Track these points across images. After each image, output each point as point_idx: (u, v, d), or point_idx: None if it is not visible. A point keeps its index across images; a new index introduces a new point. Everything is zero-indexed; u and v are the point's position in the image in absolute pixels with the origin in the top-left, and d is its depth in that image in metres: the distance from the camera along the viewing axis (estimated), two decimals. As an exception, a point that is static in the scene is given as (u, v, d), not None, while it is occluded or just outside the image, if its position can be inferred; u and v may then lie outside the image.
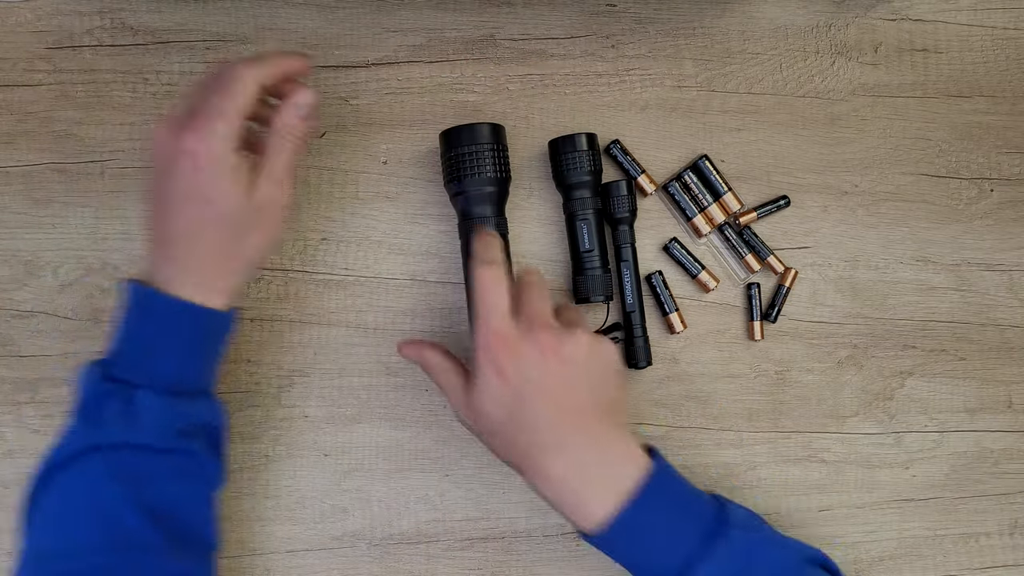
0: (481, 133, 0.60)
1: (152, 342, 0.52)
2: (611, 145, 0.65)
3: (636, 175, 0.65)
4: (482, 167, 0.59)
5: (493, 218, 0.60)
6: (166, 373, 0.52)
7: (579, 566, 0.65)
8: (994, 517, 0.68)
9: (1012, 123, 0.70)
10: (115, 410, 0.50)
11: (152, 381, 0.51)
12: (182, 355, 0.52)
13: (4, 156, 0.63)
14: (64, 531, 0.50)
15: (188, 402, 0.52)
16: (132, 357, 0.52)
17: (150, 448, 0.51)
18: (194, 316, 0.52)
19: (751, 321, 0.67)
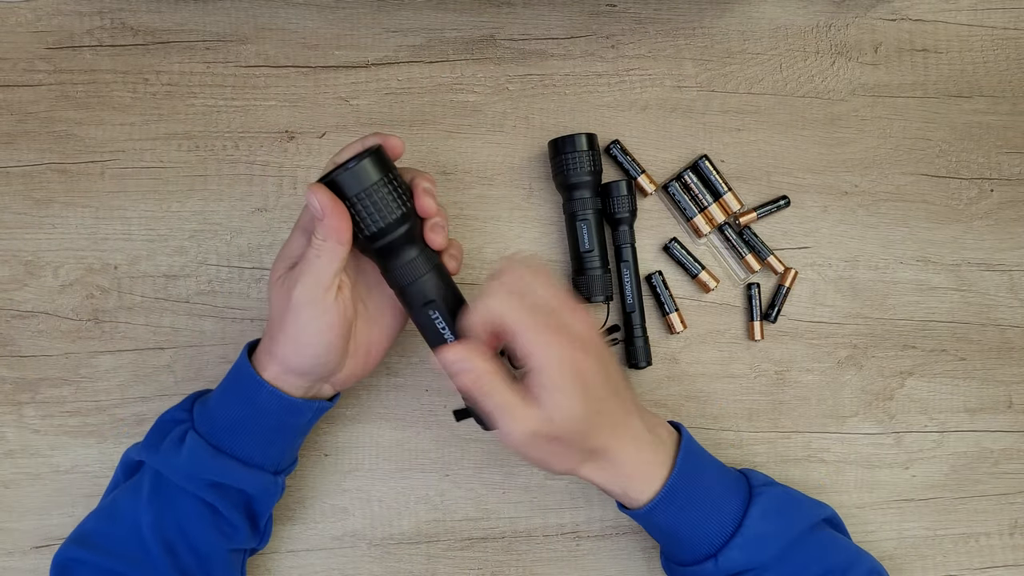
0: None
1: (223, 398, 0.55)
2: (611, 145, 0.65)
3: (636, 175, 0.65)
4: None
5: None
6: (221, 430, 0.54)
7: (579, 566, 0.65)
8: (994, 517, 0.68)
9: (1012, 123, 0.70)
10: (173, 439, 0.54)
11: (207, 431, 0.54)
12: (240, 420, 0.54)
13: (4, 156, 0.63)
14: (102, 524, 0.55)
15: (230, 463, 0.54)
16: (209, 403, 0.56)
17: (179, 486, 0.53)
18: (258, 389, 0.53)
19: (751, 321, 0.67)
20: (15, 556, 0.62)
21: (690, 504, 0.54)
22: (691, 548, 0.55)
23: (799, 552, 0.55)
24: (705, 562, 0.55)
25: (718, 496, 0.56)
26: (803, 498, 0.59)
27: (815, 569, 0.55)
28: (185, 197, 0.64)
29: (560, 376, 0.49)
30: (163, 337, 0.64)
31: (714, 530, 0.54)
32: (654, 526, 0.56)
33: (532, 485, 0.65)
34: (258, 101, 0.65)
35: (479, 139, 0.66)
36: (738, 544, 0.54)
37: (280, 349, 0.53)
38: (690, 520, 0.55)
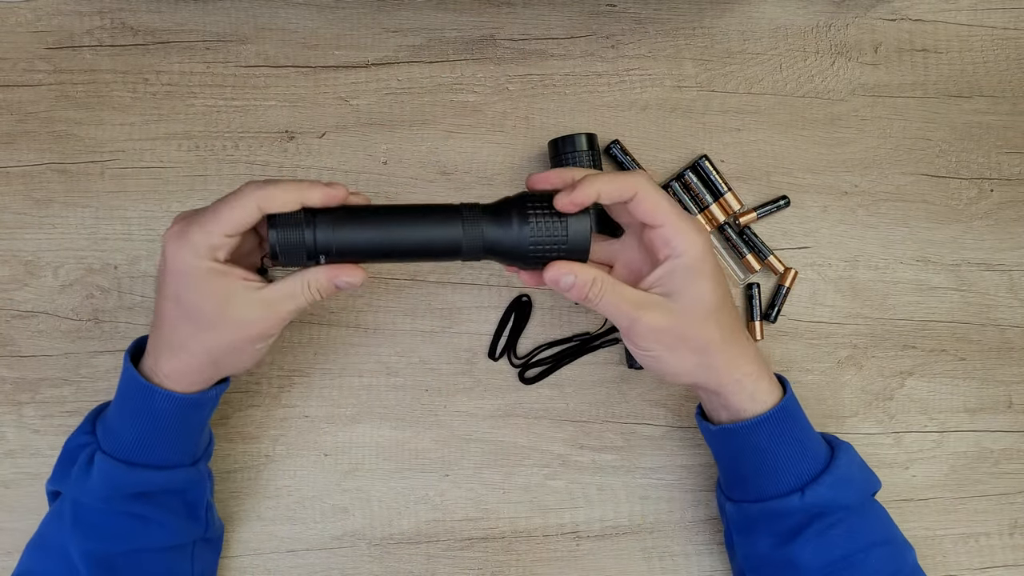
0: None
1: (120, 412, 0.54)
2: (611, 145, 0.65)
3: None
4: None
5: None
6: (127, 445, 0.53)
7: (579, 566, 0.65)
8: (994, 517, 0.68)
9: (1012, 123, 0.70)
10: (80, 464, 0.53)
11: (114, 448, 0.53)
12: (144, 431, 0.53)
13: (4, 156, 0.63)
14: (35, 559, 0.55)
15: (145, 472, 0.53)
16: (109, 419, 0.55)
17: (96, 507, 0.53)
18: (154, 397, 0.52)
19: (751, 321, 0.67)
20: (15, 556, 0.62)
21: (789, 434, 0.55)
22: (776, 480, 0.55)
23: (871, 511, 0.56)
24: (790, 496, 0.54)
25: (811, 438, 0.57)
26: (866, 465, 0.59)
27: (882, 533, 0.55)
28: (185, 197, 0.64)
29: (703, 264, 0.52)
30: (163, 337, 0.64)
31: (806, 465, 0.55)
32: (744, 447, 0.56)
33: (532, 485, 0.65)
34: (258, 101, 0.65)
35: (479, 139, 0.66)
36: (827, 481, 0.54)
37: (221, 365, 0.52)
38: (786, 449, 0.55)
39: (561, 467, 0.65)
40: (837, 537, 0.54)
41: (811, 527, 0.54)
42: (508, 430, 0.65)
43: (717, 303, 0.53)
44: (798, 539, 0.54)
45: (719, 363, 0.54)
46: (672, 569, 0.65)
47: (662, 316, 0.52)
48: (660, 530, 0.65)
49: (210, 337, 0.51)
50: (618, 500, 0.65)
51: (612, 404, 0.66)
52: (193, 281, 0.50)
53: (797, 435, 0.56)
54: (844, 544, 0.54)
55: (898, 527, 0.58)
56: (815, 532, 0.54)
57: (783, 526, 0.55)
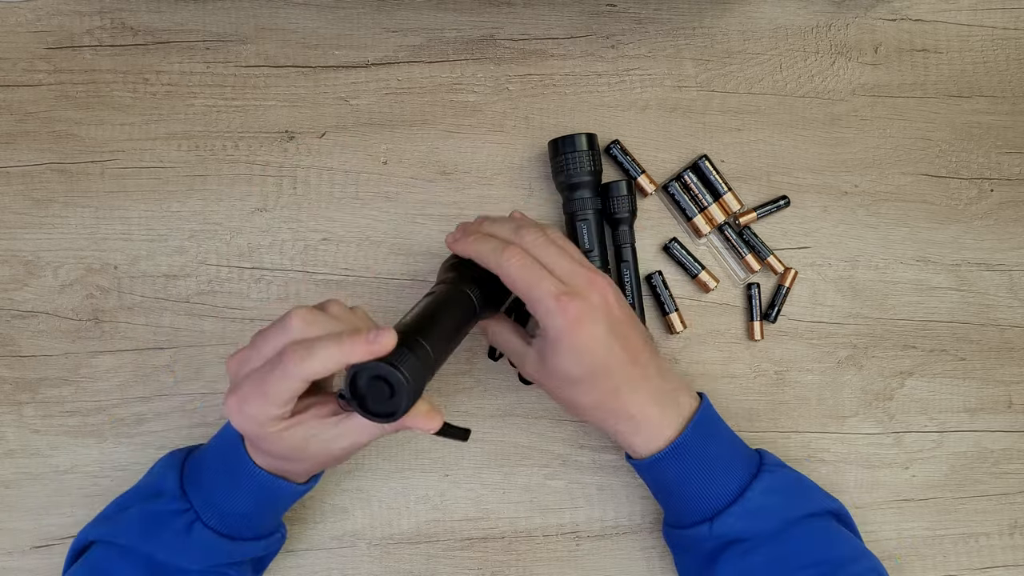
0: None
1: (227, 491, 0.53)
2: (611, 145, 0.65)
3: (636, 175, 0.65)
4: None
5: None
6: (231, 522, 0.54)
7: (579, 566, 0.65)
8: (994, 517, 0.68)
9: (1012, 123, 0.70)
10: (176, 530, 0.53)
11: (217, 524, 0.53)
12: (251, 512, 0.54)
13: (4, 156, 0.63)
14: None
15: (243, 544, 0.55)
16: (208, 491, 0.54)
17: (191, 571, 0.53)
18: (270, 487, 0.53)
19: (751, 321, 0.67)
20: (15, 556, 0.62)
21: (696, 465, 0.55)
22: (690, 510, 0.56)
23: (797, 535, 0.55)
24: (701, 525, 0.55)
25: (725, 464, 0.56)
26: (813, 486, 0.59)
27: (810, 556, 0.55)
28: (185, 197, 0.64)
29: (559, 341, 0.52)
30: (163, 337, 0.64)
31: (715, 495, 0.55)
32: (657, 480, 0.57)
33: (532, 485, 0.65)
34: (258, 101, 0.65)
35: (479, 139, 0.66)
36: (736, 512, 0.54)
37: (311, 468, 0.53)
38: (693, 480, 0.55)
39: (561, 467, 0.65)
40: (758, 562, 0.54)
41: (727, 552, 0.55)
42: (508, 430, 0.65)
43: (578, 375, 0.53)
44: (717, 563, 0.55)
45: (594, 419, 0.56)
46: (672, 569, 0.65)
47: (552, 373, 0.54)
48: (660, 530, 0.65)
49: (308, 465, 0.52)
50: (618, 500, 0.65)
51: (612, 404, 0.66)
52: (268, 441, 0.49)
53: (705, 465, 0.55)
54: (767, 570, 0.54)
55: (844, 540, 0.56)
56: (733, 555, 0.55)
57: (702, 551, 0.56)
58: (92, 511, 0.62)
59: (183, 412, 0.63)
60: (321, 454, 0.50)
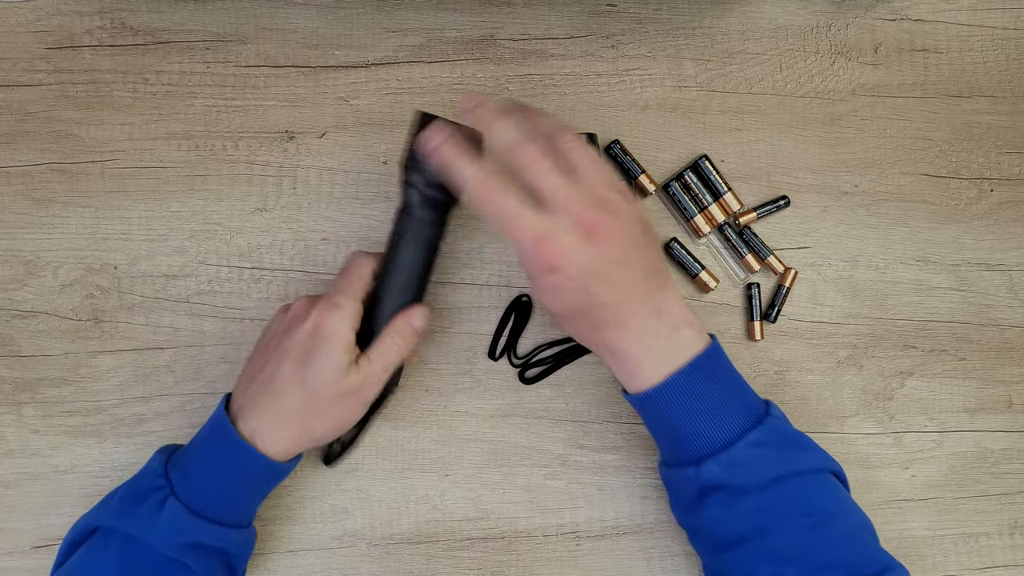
0: None
1: (205, 464, 0.55)
2: (611, 145, 0.65)
3: (636, 175, 0.65)
4: None
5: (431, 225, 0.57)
6: (203, 498, 0.54)
7: (579, 566, 0.65)
8: (994, 517, 0.68)
9: (1012, 123, 0.70)
10: (150, 506, 0.54)
11: (188, 498, 0.54)
12: (222, 486, 0.55)
13: (4, 156, 0.63)
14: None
15: (211, 526, 0.55)
16: (187, 467, 0.55)
17: (156, 551, 0.53)
18: (243, 455, 0.54)
19: (751, 321, 0.67)
20: (15, 556, 0.62)
21: (689, 406, 0.53)
22: (679, 450, 0.55)
23: (786, 489, 0.53)
24: (687, 467, 0.54)
25: (722, 408, 0.54)
26: (812, 445, 0.57)
27: (798, 508, 0.53)
28: (185, 197, 0.64)
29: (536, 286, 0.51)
30: (163, 337, 0.64)
31: (705, 439, 0.54)
32: (649, 415, 0.56)
33: (532, 485, 0.65)
34: (258, 101, 0.65)
35: (479, 139, 0.66)
36: (721, 460, 0.53)
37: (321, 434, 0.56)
38: (684, 421, 0.54)
39: (561, 467, 0.65)
40: (744, 509, 0.53)
41: (713, 496, 0.54)
42: (508, 430, 0.65)
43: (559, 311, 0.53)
44: (705, 505, 0.54)
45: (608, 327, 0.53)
46: (672, 569, 0.65)
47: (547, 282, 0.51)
48: (660, 530, 0.65)
49: (321, 404, 0.54)
50: (618, 500, 0.65)
51: (612, 404, 0.66)
52: (333, 348, 0.54)
53: (700, 407, 0.54)
54: (754, 517, 0.53)
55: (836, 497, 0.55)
56: (718, 501, 0.53)
57: (690, 490, 0.55)
58: (92, 511, 0.62)
59: (183, 412, 0.63)
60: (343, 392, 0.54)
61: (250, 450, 0.54)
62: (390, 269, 0.57)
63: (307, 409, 0.54)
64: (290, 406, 0.54)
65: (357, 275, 0.56)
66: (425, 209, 0.56)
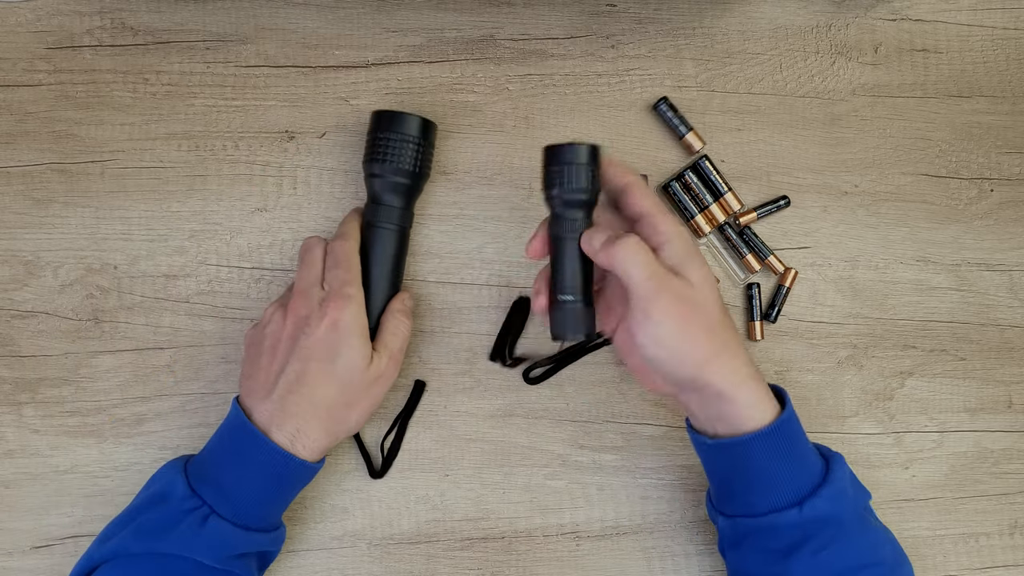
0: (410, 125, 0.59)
1: (244, 479, 0.55)
2: (659, 103, 0.65)
3: (684, 133, 0.66)
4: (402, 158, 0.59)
5: (399, 209, 0.60)
6: (246, 511, 0.55)
7: (579, 566, 0.65)
8: (994, 517, 0.68)
9: (1012, 123, 0.70)
10: (189, 527, 0.53)
11: (232, 514, 0.54)
12: (266, 497, 0.55)
13: (4, 156, 0.63)
14: None
15: (254, 535, 0.55)
16: (223, 483, 0.55)
17: (204, 565, 0.54)
18: (285, 464, 0.55)
19: (751, 321, 0.67)
20: (15, 556, 0.62)
21: (789, 449, 0.54)
22: (772, 494, 0.54)
23: (869, 526, 0.55)
24: (788, 510, 0.53)
25: (810, 449, 0.56)
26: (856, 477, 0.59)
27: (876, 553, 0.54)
28: (185, 197, 0.64)
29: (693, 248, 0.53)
30: (163, 337, 0.64)
31: (803, 479, 0.54)
32: (740, 462, 0.54)
33: (532, 485, 0.65)
34: (258, 101, 0.65)
35: (479, 139, 0.66)
36: (826, 494, 0.53)
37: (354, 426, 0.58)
38: (785, 465, 0.54)
39: (561, 467, 0.65)
40: (829, 556, 0.53)
41: (807, 545, 0.53)
42: (508, 430, 0.65)
43: (718, 292, 0.54)
44: (793, 557, 0.53)
45: (729, 355, 0.53)
46: (672, 569, 0.65)
47: (682, 284, 0.52)
48: (660, 530, 0.65)
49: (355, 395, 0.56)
50: (618, 500, 0.65)
51: (612, 404, 0.66)
52: (356, 339, 0.56)
53: (799, 448, 0.55)
54: (835, 564, 0.53)
55: (892, 542, 0.57)
56: (810, 551, 0.53)
57: (778, 543, 0.54)
58: (92, 511, 0.62)
59: (183, 412, 0.63)
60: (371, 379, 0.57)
61: (291, 458, 0.54)
62: (371, 257, 0.60)
63: (342, 403, 0.56)
64: (325, 403, 0.55)
65: (352, 263, 0.58)
66: (394, 195, 0.60)
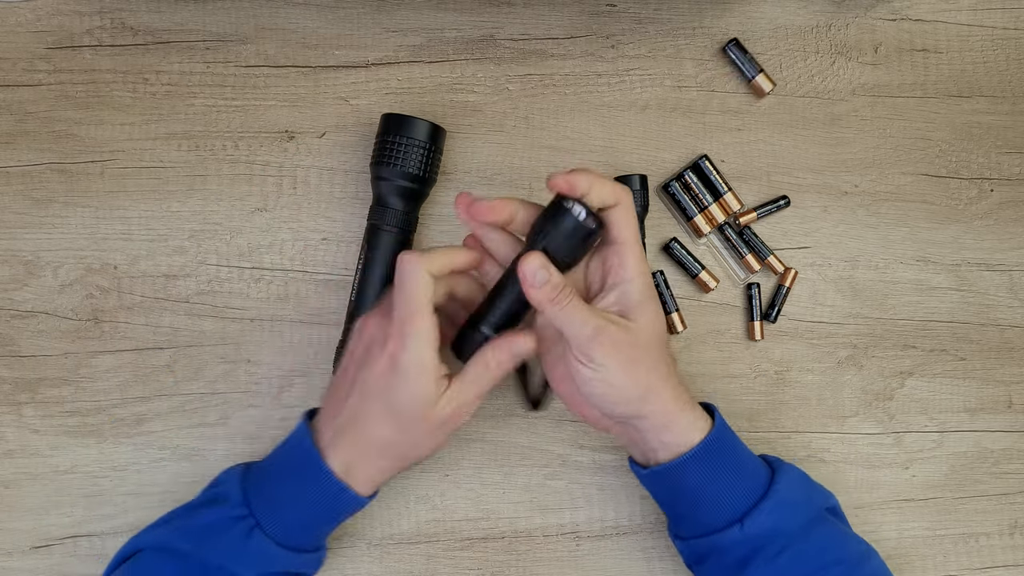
0: (420, 129, 0.59)
1: (294, 499, 0.54)
2: (728, 44, 0.66)
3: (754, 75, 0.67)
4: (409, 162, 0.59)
5: (404, 213, 0.60)
6: (291, 531, 0.54)
7: (579, 566, 0.65)
8: (994, 517, 0.68)
9: (1012, 123, 0.70)
10: (234, 537, 0.53)
11: (276, 532, 0.53)
12: (312, 522, 0.55)
13: (4, 156, 0.63)
14: None
15: (296, 556, 0.55)
16: (275, 499, 0.54)
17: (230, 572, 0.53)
18: (337, 494, 0.53)
19: (751, 321, 0.67)
20: (14, 556, 0.62)
21: (722, 466, 0.54)
22: (715, 513, 0.55)
23: (819, 531, 0.55)
24: (730, 528, 0.54)
25: (747, 465, 0.56)
26: (813, 481, 0.59)
27: (831, 554, 0.54)
28: (185, 197, 0.64)
29: (649, 290, 0.53)
30: (163, 337, 0.64)
31: (742, 494, 0.54)
32: (678, 486, 0.55)
33: (532, 485, 0.65)
34: (258, 101, 0.65)
35: (479, 139, 0.66)
36: (767, 508, 0.53)
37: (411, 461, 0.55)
38: (720, 482, 0.54)
39: (561, 467, 0.65)
40: (786, 564, 0.53)
41: (757, 557, 0.53)
42: (508, 430, 0.65)
43: (663, 330, 0.55)
44: (746, 571, 0.54)
45: (668, 389, 0.54)
46: (672, 569, 0.65)
47: (623, 331, 0.52)
48: (660, 530, 0.65)
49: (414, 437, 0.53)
50: (618, 500, 0.65)
51: (612, 404, 0.66)
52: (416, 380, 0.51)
53: (732, 463, 0.55)
54: (794, 570, 0.53)
55: (854, 538, 0.57)
56: (762, 561, 0.53)
57: (729, 559, 0.55)
58: (92, 511, 0.62)
59: (183, 412, 0.63)
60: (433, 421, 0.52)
61: (343, 490, 0.53)
62: (372, 259, 0.59)
63: (400, 441, 0.53)
64: (381, 443, 0.53)
65: (417, 285, 0.51)
66: (399, 199, 0.59)
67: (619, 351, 0.51)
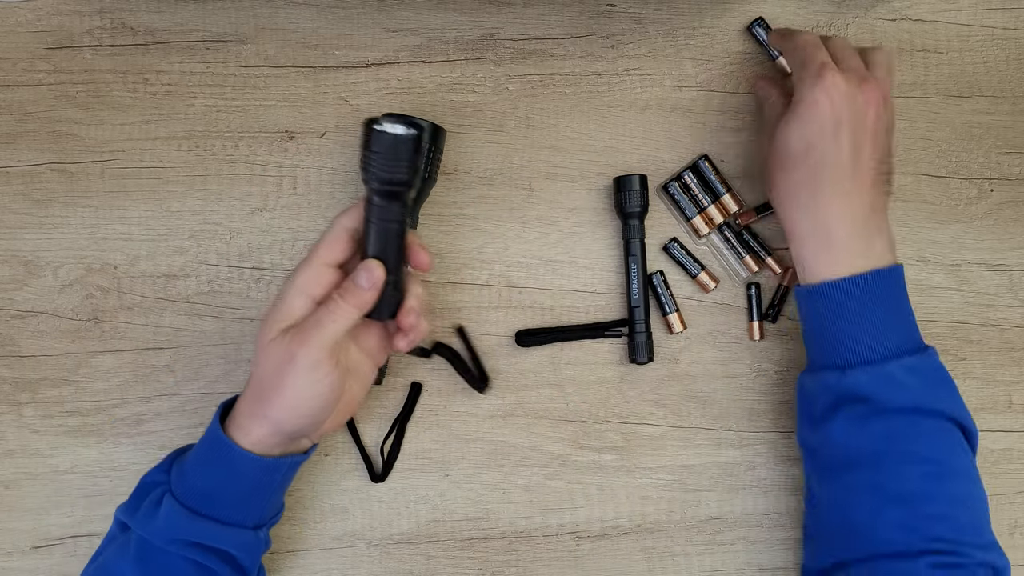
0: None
1: (197, 460, 0.55)
2: (753, 24, 0.67)
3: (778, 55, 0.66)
4: None
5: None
6: (197, 494, 0.54)
7: (579, 566, 0.65)
8: (994, 517, 0.68)
9: (1012, 123, 0.70)
10: (151, 502, 0.54)
11: (183, 494, 0.54)
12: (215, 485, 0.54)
13: (4, 156, 0.63)
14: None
15: (208, 524, 0.54)
16: (185, 464, 0.55)
17: (160, 548, 0.53)
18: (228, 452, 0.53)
19: (751, 321, 0.67)
20: (14, 556, 0.62)
21: (863, 311, 0.54)
22: (832, 351, 0.54)
23: (923, 424, 0.53)
24: (832, 370, 0.54)
25: (890, 325, 0.55)
26: (959, 396, 0.57)
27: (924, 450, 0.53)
28: (185, 197, 0.64)
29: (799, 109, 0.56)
30: (163, 337, 0.64)
31: (864, 346, 0.53)
32: (815, 309, 0.56)
33: (532, 485, 0.65)
34: (258, 101, 0.65)
35: (479, 139, 0.66)
36: (872, 371, 0.53)
37: (275, 413, 0.53)
38: (850, 323, 0.54)
39: (561, 467, 0.65)
40: (876, 430, 0.52)
41: (846, 409, 0.53)
42: (508, 430, 0.65)
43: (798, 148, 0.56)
44: (835, 416, 0.53)
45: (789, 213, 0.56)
46: (672, 569, 0.65)
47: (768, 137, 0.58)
48: (660, 530, 0.65)
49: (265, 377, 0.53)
50: (618, 500, 0.65)
51: (612, 404, 0.66)
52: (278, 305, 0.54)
53: (869, 314, 0.54)
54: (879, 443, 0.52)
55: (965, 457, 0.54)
56: (850, 415, 0.53)
57: (825, 399, 0.54)
58: (92, 511, 0.62)
59: (183, 412, 0.63)
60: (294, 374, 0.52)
61: (231, 446, 0.53)
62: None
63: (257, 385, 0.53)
64: (249, 388, 0.54)
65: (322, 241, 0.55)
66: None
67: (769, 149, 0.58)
